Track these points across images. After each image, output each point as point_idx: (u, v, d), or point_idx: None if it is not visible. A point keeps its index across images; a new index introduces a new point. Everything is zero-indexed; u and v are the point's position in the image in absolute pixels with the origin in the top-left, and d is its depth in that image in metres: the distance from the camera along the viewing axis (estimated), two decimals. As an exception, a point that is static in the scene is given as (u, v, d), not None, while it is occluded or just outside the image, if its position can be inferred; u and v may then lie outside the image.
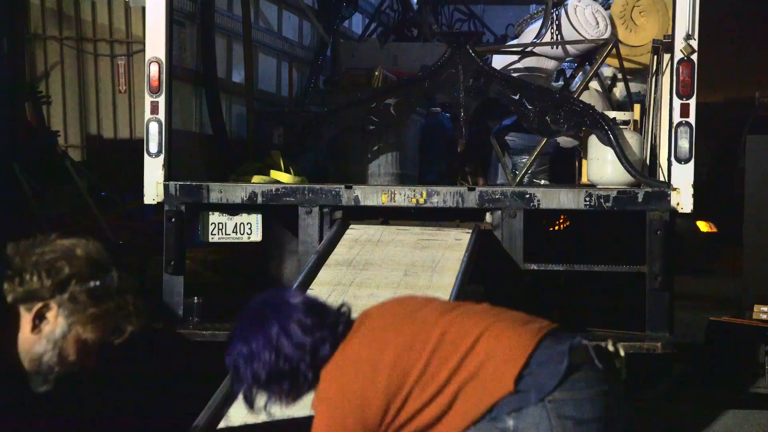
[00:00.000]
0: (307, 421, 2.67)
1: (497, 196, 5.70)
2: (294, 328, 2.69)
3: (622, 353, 2.69)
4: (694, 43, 5.68)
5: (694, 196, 5.64)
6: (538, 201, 5.67)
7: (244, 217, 5.92)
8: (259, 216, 5.88)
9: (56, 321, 2.47)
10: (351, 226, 5.73)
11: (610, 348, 2.69)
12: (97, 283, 2.50)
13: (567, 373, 2.58)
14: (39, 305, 2.44)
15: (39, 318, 2.47)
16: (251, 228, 5.90)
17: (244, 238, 5.92)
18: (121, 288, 2.54)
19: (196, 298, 5.75)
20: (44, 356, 2.51)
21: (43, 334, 2.49)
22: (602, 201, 5.65)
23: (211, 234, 5.92)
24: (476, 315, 2.73)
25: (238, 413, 3.55)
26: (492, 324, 2.69)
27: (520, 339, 2.64)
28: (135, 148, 9.12)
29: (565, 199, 5.68)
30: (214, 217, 5.92)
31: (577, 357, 2.61)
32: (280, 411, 2.77)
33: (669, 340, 5.65)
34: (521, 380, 2.59)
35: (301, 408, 2.80)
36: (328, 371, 2.66)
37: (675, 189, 5.67)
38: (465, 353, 2.63)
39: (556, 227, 6.80)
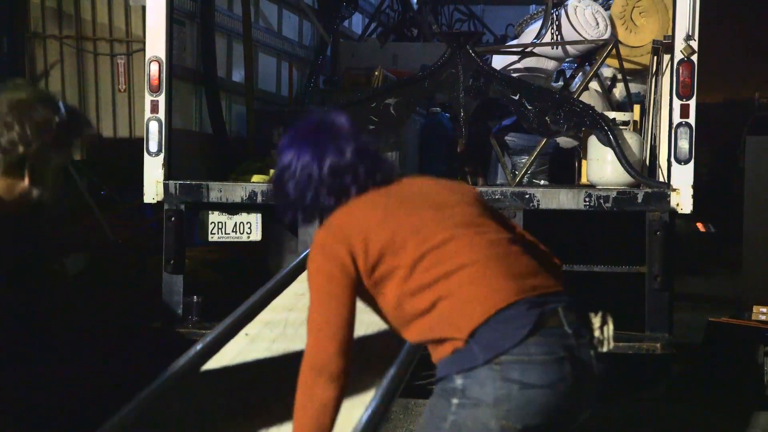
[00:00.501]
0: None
1: (497, 196, 5.70)
2: (337, 155, 2.74)
3: (609, 327, 2.63)
4: (694, 44, 5.68)
5: (694, 196, 5.65)
6: (538, 201, 5.67)
7: (243, 217, 5.93)
8: (259, 215, 5.88)
9: None
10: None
11: (595, 321, 2.63)
12: None
13: (524, 338, 2.50)
14: None
15: None
16: (251, 227, 5.90)
17: (244, 238, 5.92)
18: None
19: (195, 297, 5.75)
20: None
21: None
22: (602, 201, 5.66)
23: (211, 233, 5.93)
24: (486, 239, 2.63)
25: (233, 348, 3.45)
26: (490, 260, 2.59)
27: (498, 293, 2.56)
28: (134, 147, 9.12)
29: (564, 199, 5.68)
30: (214, 217, 5.92)
31: (545, 321, 2.54)
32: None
33: (668, 340, 5.65)
34: (475, 335, 2.52)
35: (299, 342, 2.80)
36: (338, 211, 2.70)
37: (675, 189, 5.67)
38: (447, 273, 2.57)
39: (555, 227, 6.80)
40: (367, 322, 3.12)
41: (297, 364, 2.69)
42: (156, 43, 5.91)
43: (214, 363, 3.26)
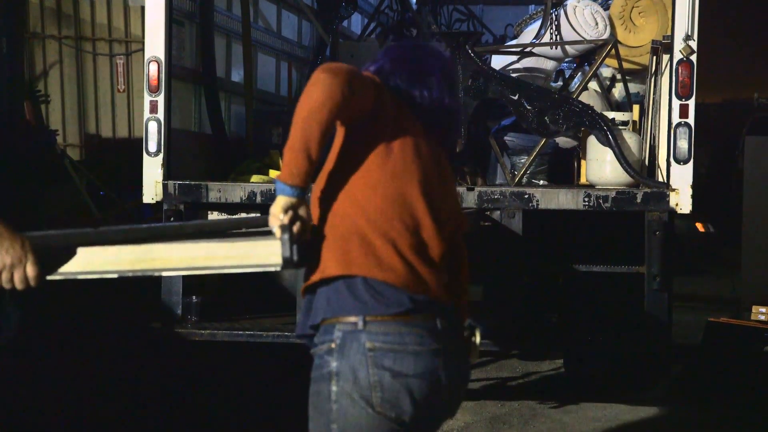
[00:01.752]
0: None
1: (496, 196, 5.71)
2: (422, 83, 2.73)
3: (476, 338, 2.71)
4: (693, 44, 5.69)
5: (693, 196, 5.65)
6: (537, 201, 5.68)
7: (243, 217, 5.92)
8: (259, 215, 5.88)
9: None
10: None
11: (466, 332, 2.71)
12: None
13: (398, 323, 2.53)
14: None
15: None
16: (250, 227, 5.90)
17: (243, 238, 5.91)
18: None
19: (194, 297, 5.75)
20: None
21: None
22: (601, 201, 5.66)
23: (210, 233, 5.92)
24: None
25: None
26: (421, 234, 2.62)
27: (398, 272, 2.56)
28: (133, 147, 9.13)
29: (564, 199, 5.68)
30: (213, 216, 5.92)
31: (421, 315, 2.56)
32: None
33: (667, 340, 5.65)
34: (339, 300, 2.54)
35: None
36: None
37: (674, 190, 5.67)
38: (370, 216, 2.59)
39: (555, 228, 6.81)
40: None
41: None
42: (155, 43, 5.91)
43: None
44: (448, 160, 2.78)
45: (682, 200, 5.66)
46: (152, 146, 5.91)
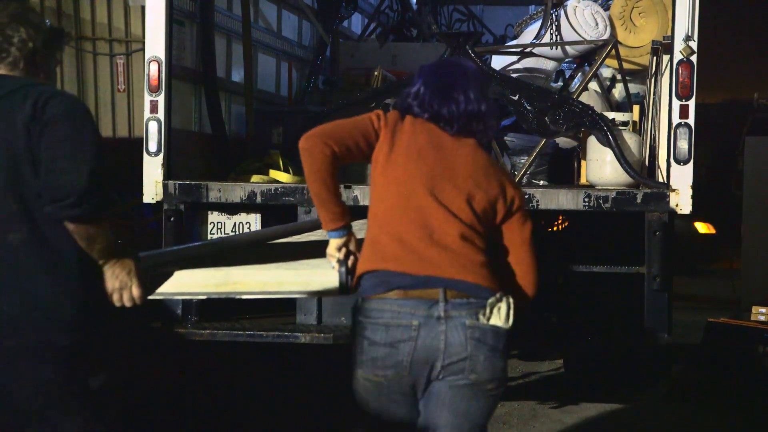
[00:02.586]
0: None
1: (496, 197, 5.70)
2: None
3: (502, 307, 3.03)
4: (694, 45, 5.69)
5: (693, 197, 5.65)
6: (537, 201, 5.68)
7: (243, 217, 5.93)
8: (258, 215, 5.88)
9: None
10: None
11: (491, 312, 3.03)
12: None
13: (379, 300, 3.02)
14: None
15: None
16: (250, 227, 5.90)
17: (243, 238, 5.92)
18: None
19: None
20: None
21: None
22: (601, 202, 5.66)
23: (210, 233, 5.93)
24: (438, 228, 3.07)
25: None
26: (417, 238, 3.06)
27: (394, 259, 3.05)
28: (133, 147, 9.12)
29: (564, 199, 5.68)
30: (213, 217, 5.93)
31: (413, 292, 3.02)
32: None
33: (667, 340, 5.65)
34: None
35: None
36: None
37: (674, 190, 5.67)
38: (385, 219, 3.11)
39: (555, 228, 6.80)
40: None
41: None
42: (155, 43, 5.91)
43: None
44: (482, 151, 3.21)
45: (682, 201, 5.66)
46: (152, 146, 5.91)
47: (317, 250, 3.42)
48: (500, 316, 3.02)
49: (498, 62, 7.20)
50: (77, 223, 2.83)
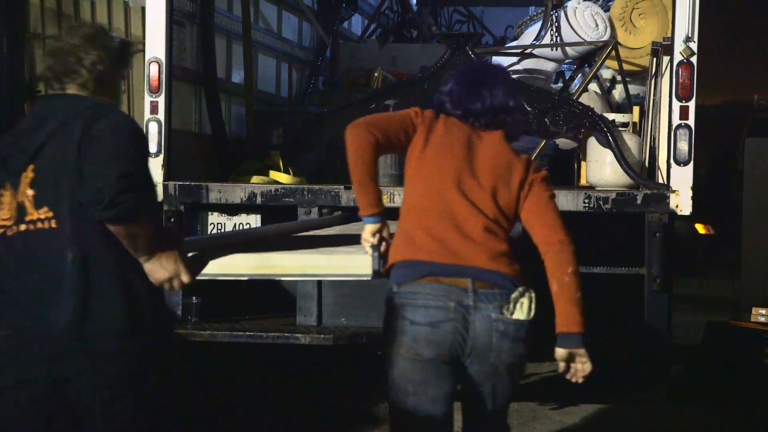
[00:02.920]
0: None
1: (496, 198, 5.70)
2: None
3: (524, 301, 3.28)
4: (694, 46, 5.69)
5: (693, 198, 5.65)
6: (537, 202, 5.67)
7: (243, 218, 5.93)
8: (258, 216, 5.89)
9: None
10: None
11: (515, 307, 3.28)
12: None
13: (416, 284, 3.26)
14: None
15: None
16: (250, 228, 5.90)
17: (243, 239, 5.92)
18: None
19: (194, 297, 5.75)
20: None
21: None
22: (601, 203, 5.66)
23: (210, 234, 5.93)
24: (470, 219, 3.30)
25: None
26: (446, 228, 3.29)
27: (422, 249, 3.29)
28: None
29: (564, 200, 5.68)
30: (213, 217, 5.93)
31: (444, 278, 3.25)
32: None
33: (667, 341, 5.66)
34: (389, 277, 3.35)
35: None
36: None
37: (674, 191, 5.68)
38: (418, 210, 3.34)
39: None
40: None
41: None
42: (156, 44, 5.92)
43: None
44: (506, 146, 3.43)
45: (682, 202, 5.67)
46: (152, 147, 5.92)
47: (346, 241, 3.80)
48: (522, 310, 3.27)
49: (498, 63, 7.21)
50: (115, 224, 3.02)
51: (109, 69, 3.20)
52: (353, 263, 3.46)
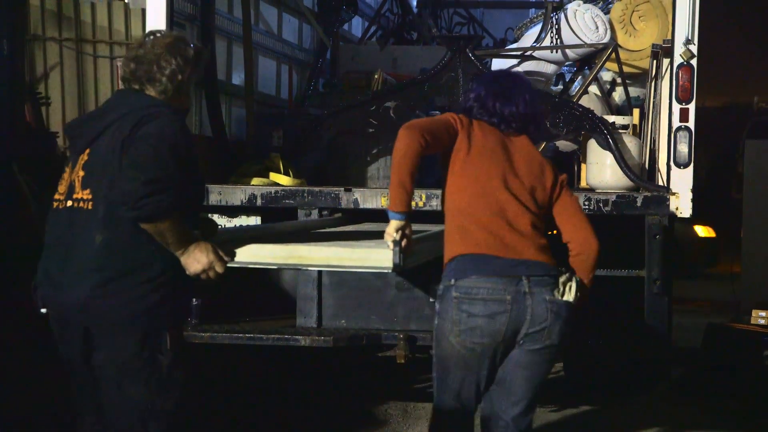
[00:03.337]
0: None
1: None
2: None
3: (572, 285, 3.66)
4: (694, 48, 5.70)
5: (693, 200, 5.66)
6: (538, 205, 5.67)
7: (243, 219, 5.93)
8: (258, 218, 5.88)
9: None
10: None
11: (561, 279, 3.66)
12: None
13: (474, 278, 3.60)
14: None
15: None
16: (250, 230, 5.90)
17: (244, 240, 5.91)
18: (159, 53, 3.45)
19: (194, 299, 5.74)
20: None
21: None
22: (601, 205, 5.66)
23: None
24: (512, 214, 3.65)
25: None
26: (497, 225, 3.64)
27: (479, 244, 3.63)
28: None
29: (564, 202, 5.67)
30: (213, 219, 5.91)
31: (504, 271, 3.60)
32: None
33: (667, 344, 5.65)
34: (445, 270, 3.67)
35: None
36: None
37: (674, 193, 5.68)
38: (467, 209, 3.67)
39: (555, 231, 6.80)
40: None
41: None
42: (156, 46, 5.91)
43: None
44: (533, 147, 3.79)
45: (682, 204, 5.67)
46: (153, 149, 5.90)
47: (368, 237, 4.18)
48: (571, 293, 3.66)
49: (498, 65, 7.21)
50: (143, 222, 3.26)
51: (186, 76, 3.48)
52: (375, 256, 3.67)
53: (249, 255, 3.68)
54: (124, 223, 3.26)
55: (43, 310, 3.41)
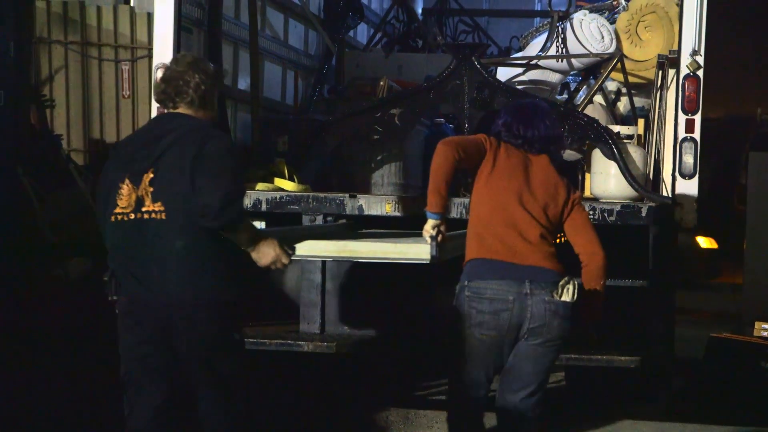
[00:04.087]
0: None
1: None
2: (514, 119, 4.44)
3: (570, 287, 4.22)
4: (700, 59, 5.71)
5: (698, 211, 5.66)
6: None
7: (247, 224, 5.92)
8: (263, 224, 5.88)
9: None
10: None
11: (561, 283, 4.22)
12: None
13: (483, 281, 4.22)
14: None
15: None
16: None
17: (248, 246, 5.91)
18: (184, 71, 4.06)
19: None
20: None
21: None
22: (606, 215, 5.66)
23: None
24: (523, 228, 4.25)
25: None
26: (509, 234, 4.24)
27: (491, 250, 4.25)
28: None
29: (568, 212, 5.67)
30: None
31: (508, 274, 4.20)
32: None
33: (669, 355, 5.65)
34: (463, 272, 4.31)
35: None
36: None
37: (678, 204, 5.68)
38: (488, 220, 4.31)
39: (558, 240, 6.80)
40: None
41: None
42: (164, 50, 5.94)
43: None
44: (552, 168, 4.37)
45: (686, 215, 5.67)
46: (158, 153, 5.91)
47: (406, 235, 4.85)
48: (568, 294, 4.19)
49: (503, 74, 7.21)
50: (222, 230, 3.89)
51: (209, 88, 4.05)
52: (415, 249, 4.33)
53: (307, 249, 4.34)
54: (200, 229, 3.86)
55: (115, 298, 4.00)
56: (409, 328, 5.87)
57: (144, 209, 3.91)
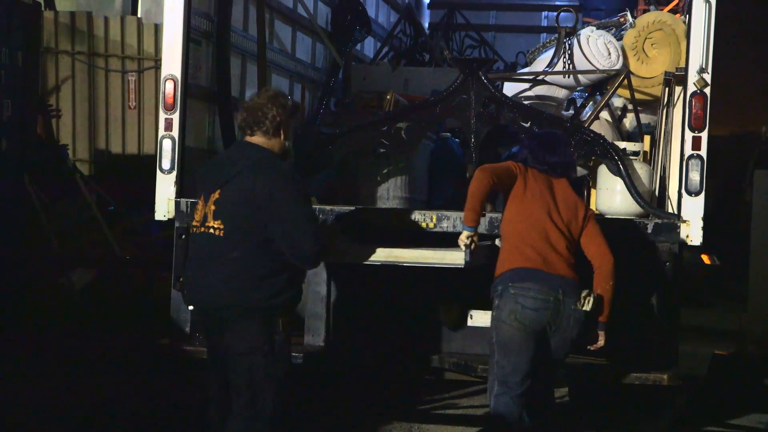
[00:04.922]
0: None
1: (506, 223, 5.69)
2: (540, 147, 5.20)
3: (590, 298, 4.87)
4: (708, 77, 5.71)
5: (704, 228, 5.66)
6: (547, 229, 5.67)
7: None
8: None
9: None
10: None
11: (583, 294, 4.89)
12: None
13: (527, 283, 4.88)
14: None
15: None
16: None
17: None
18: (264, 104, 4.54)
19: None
20: None
21: None
22: (611, 231, 5.65)
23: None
24: (552, 242, 4.95)
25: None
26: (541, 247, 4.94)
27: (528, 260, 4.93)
28: (143, 164, 9.13)
29: (574, 227, 5.67)
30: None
31: (544, 280, 4.88)
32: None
33: (674, 372, 5.64)
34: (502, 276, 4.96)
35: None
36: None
37: (685, 221, 5.68)
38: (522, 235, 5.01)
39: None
40: None
41: None
42: (172, 62, 5.96)
43: None
44: (571, 189, 5.10)
45: (692, 232, 5.67)
46: (166, 164, 5.94)
47: (443, 244, 5.38)
48: (588, 304, 4.88)
49: (510, 89, 7.22)
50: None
51: (284, 120, 4.52)
52: (451, 256, 5.11)
53: (358, 255, 5.12)
54: (253, 246, 4.37)
55: (190, 307, 4.61)
56: (413, 341, 5.86)
57: (207, 224, 4.44)
